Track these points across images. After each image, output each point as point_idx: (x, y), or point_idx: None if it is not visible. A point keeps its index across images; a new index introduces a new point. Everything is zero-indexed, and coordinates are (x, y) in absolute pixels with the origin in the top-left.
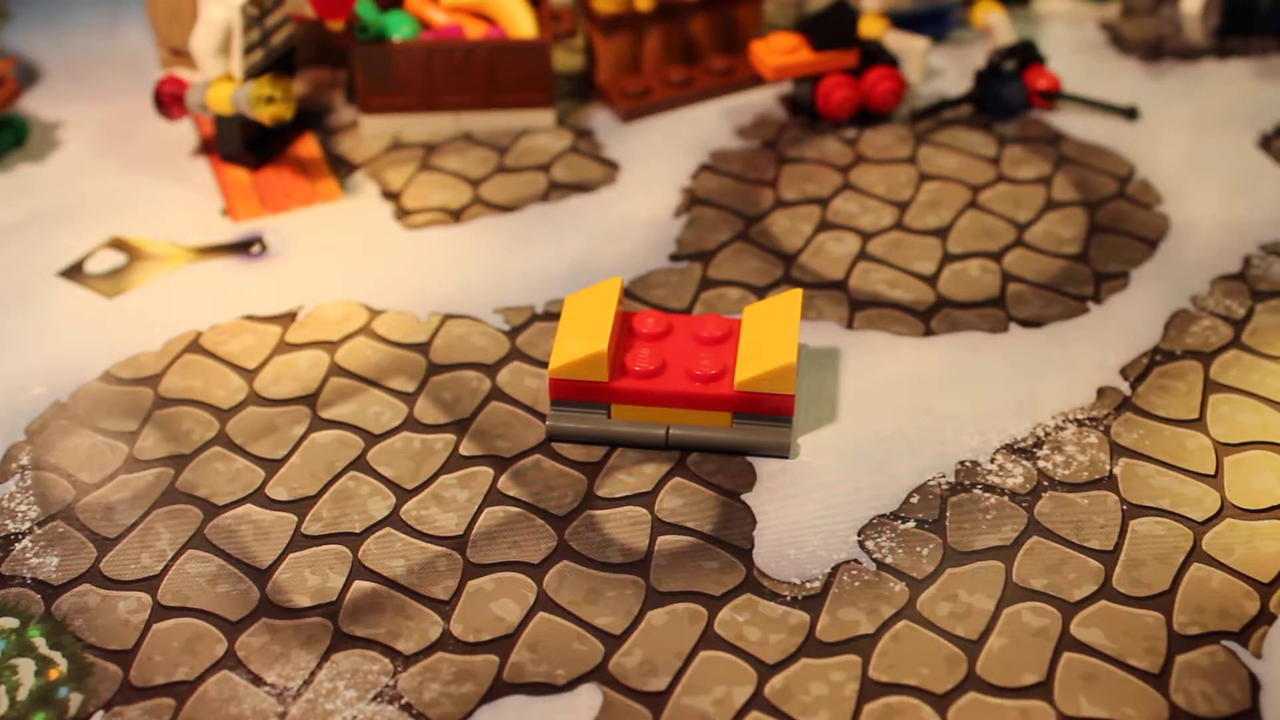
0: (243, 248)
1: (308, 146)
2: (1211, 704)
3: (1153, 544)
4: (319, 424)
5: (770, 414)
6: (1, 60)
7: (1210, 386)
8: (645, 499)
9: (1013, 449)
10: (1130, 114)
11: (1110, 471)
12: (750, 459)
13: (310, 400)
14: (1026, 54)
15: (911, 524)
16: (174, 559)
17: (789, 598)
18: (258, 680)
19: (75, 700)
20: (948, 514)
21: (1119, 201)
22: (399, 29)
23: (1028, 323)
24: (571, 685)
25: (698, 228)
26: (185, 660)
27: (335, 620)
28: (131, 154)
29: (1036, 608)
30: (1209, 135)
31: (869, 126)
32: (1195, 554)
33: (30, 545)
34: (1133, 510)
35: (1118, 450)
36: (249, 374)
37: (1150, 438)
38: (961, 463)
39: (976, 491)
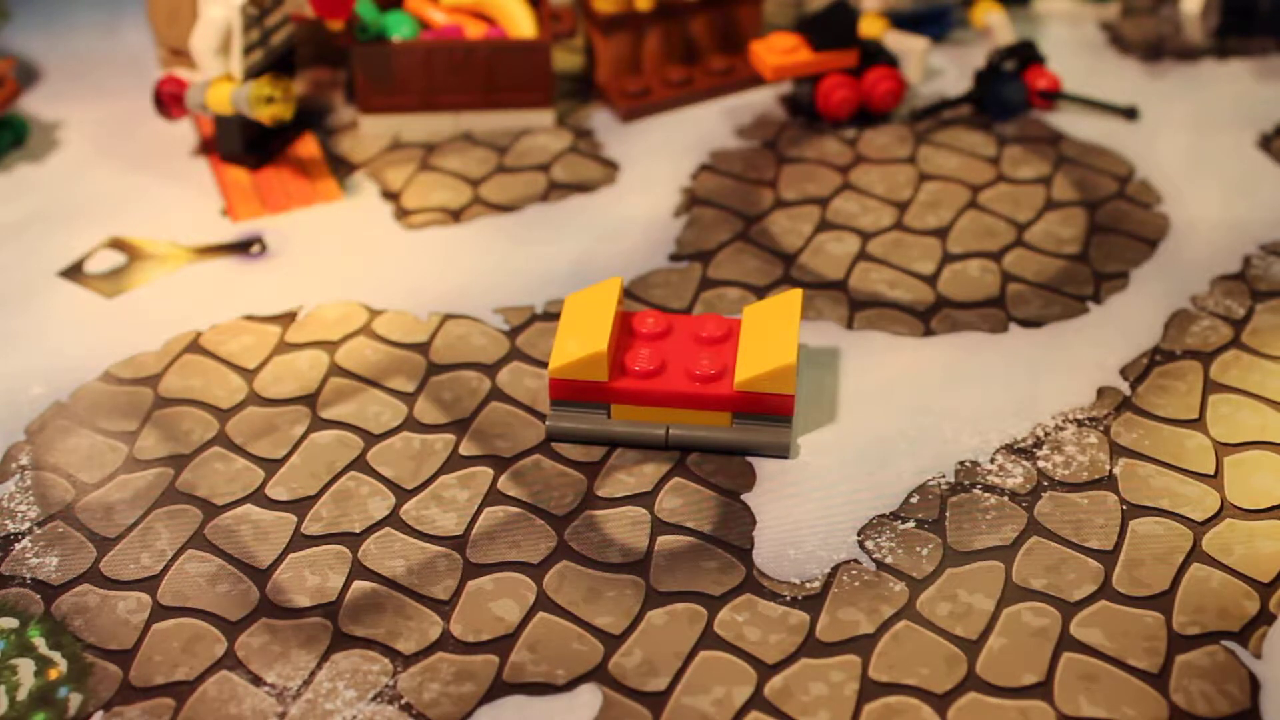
0: (243, 248)
1: (308, 146)
2: (1211, 704)
3: (1153, 544)
4: (319, 424)
5: (770, 414)
6: (1, 60)
7: (1210, 386)
8: (645, 499)
9: (1013, 449)
10: (1130, 114)
11: (1110, 471)
12: (750, 459)
13: (310, 400)
14: (1026, 54)
15: (911, 524)
16: (174, 559)
17: (789, 598)
18: (257, 680)
19: (75, 700)
20: (948, 514)
21: (1119, 201)
22: (399, 29)
23: (1028, 323)
24: (571, 685)
25: (698, 228)
26: (185, 660)
27: (335, 620)
28: (131, 154)
29: (1036, 608)
30: (1209, 135)
31: (869, 126)
32: (1195, 554)
33: (30, 545)
34: (1133, 510)
35: (1118, 450)
36: (249, 374)
37: (1150, 438)
38: (961, 463)
39: (976, 491)
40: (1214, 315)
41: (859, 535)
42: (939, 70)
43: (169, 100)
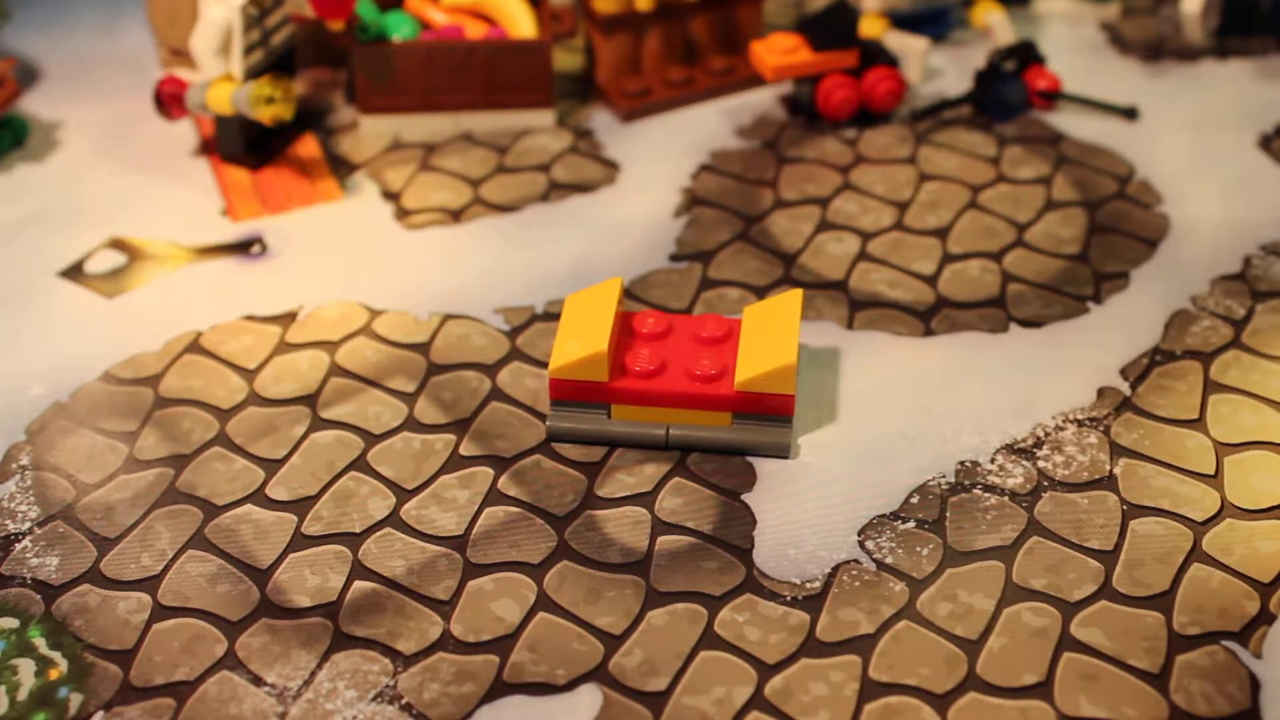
0: (243, 248)
1: (308, 146)
2: (1211, 704)
3: (1153, 544)
4: (319, 424)
5: (770, 414)
6: (1, 60)
7: (1210, 386)
8: (645, 499)
9: (1013, 449)
10: (1130, 114)
11: (1110, 471)
12: (750, 459)
13: (310, 400)
14: (1026, 54)
15: (911, 524)
16: (174, 559)
17: (789, 598)
18: (258, 680)
19: (75, 700)
20: (948, 514)
21: (1119, 201)
22: (399, 29)
23: (1028, 323)
24: (571, 685)
25: (698, 228)
26: (185, 660)
27: (335, 620)
28: (131, 154)
29: (1036, 608)
30: (1209, 135)
31: (869, 126)
32: (1195, 554)
33: (30, 545)
34: (1133, 510)
35: (1118, 450)
36: (249, 374)
37: (1150, 438)
38: (961, 463)
39: (976, 491)
40: (1214, 315)
41: (859, 535)
42: (939, 70)
43: (169, 100)
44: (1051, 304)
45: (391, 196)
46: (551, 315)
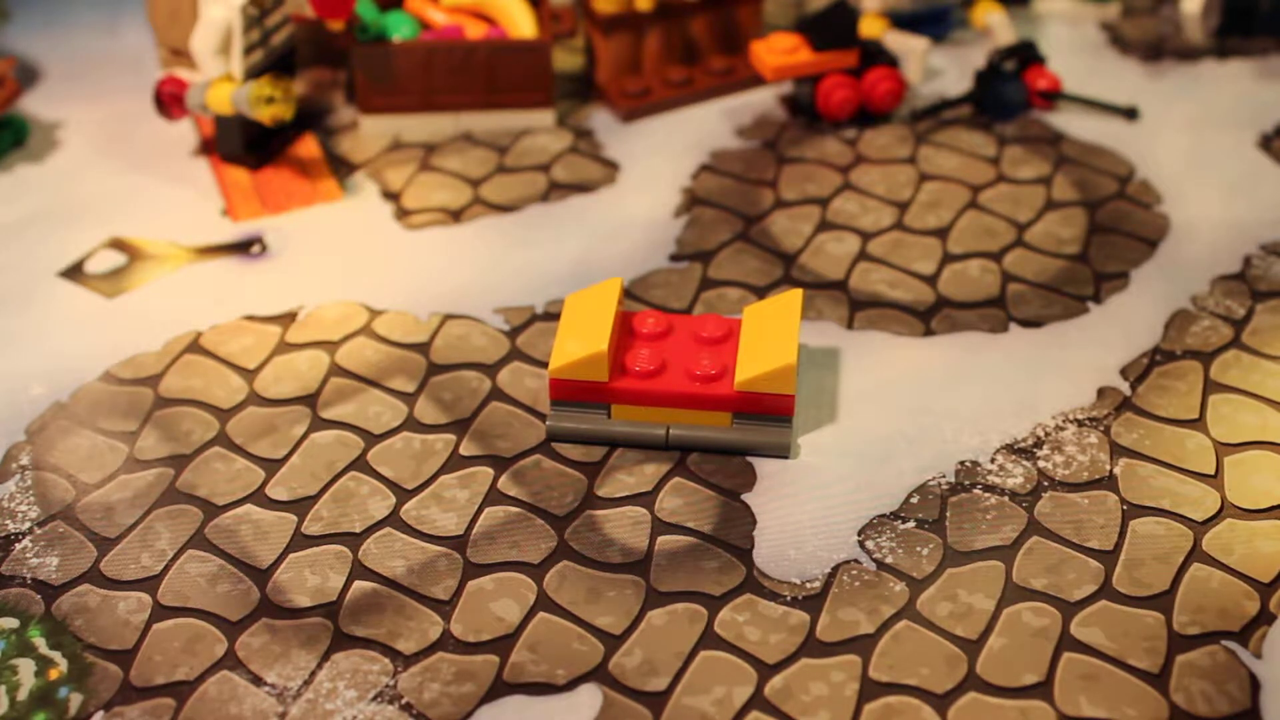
0: (243, 248)
1: (308, 146)
2: (1211, 704)
3: (1153, 544)
4: (319, 424)
5: (770, 414)
6: (1, 60)
7: (1210, 386)
8: (645, 499)
9: (1013, 449)
10: (1130, 114)
11: (1110, 471)
12: (750, 459)
13: (310, 400)
14: (1026, 54)
15: (911, 524)
16: (174, 559)
17: (789, 598)
18: (258, 680)
19: (75, 700)
20: (948, 514)
21: (1119, 201)
22: (399, 29)
23: (1028, 323)
24: (571, 685)
25: (698, 228)
26: (185, 660)
27: (335, 620)
28: (131, 154)
29: (1036, 608)
30: (1209, 135)
31: (869, 126)
32: (1195, 554)
33: (30, 545)
34: (1133, 510)
35: (1118, 450)
36: (249, 374)
37: (1150, 438)
38: (961, 463)
39: (976, 491)
40: (1214, 315)
41: (859, 535)
42: (939, 70)
43: (169, 100)
44: (1051, 304)
45: (391, 196)
46: (551, 315)
